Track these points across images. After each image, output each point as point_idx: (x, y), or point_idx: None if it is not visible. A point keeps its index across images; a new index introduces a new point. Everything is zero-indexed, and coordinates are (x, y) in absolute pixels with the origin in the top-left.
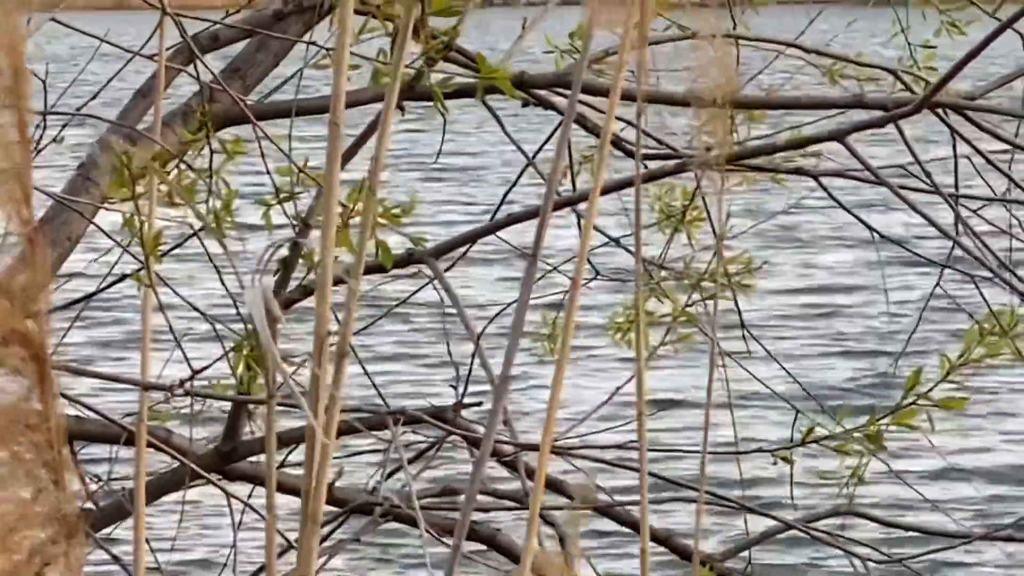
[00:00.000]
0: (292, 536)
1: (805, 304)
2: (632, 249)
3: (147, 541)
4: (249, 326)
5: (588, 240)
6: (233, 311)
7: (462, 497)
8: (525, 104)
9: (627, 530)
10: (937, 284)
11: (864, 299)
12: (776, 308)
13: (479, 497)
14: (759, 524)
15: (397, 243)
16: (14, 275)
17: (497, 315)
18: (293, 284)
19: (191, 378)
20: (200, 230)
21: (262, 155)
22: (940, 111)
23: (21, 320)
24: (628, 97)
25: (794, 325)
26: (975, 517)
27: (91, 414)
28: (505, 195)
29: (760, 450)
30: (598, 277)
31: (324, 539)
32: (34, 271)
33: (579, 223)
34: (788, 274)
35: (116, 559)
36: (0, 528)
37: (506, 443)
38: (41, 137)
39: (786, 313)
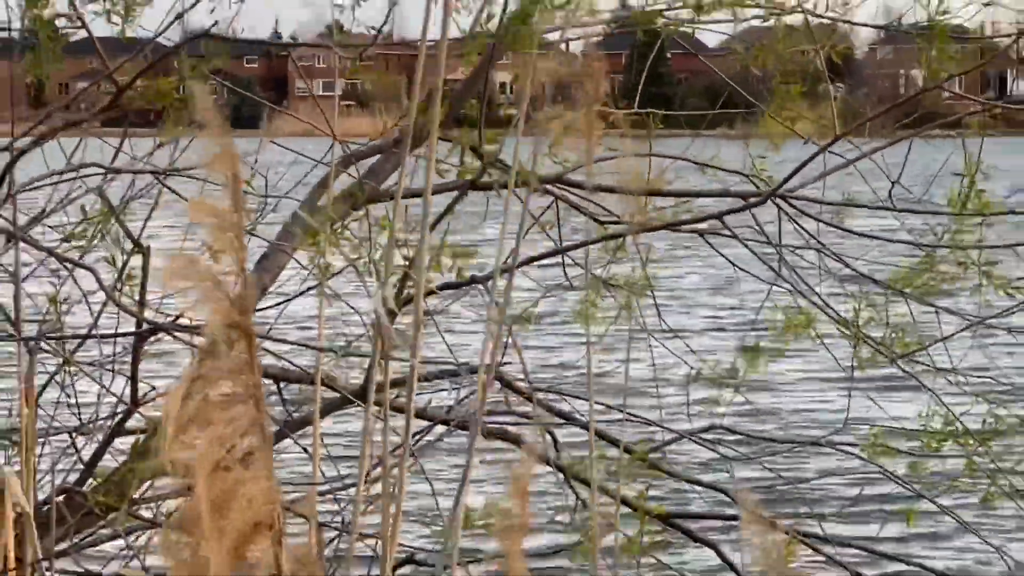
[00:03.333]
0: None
1: (710, 312)
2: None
3: (322, 439)
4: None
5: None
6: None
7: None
8: (536, 191)
9: (582, 432)
10: (767, 295)
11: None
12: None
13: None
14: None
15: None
16: (233, 290)
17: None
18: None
19: (347, 345)
20: (354, 261)
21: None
22: (780, 200)
23: (237, 315)
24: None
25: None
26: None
27: (290, 367)
28: (519, 237)
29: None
30: (573, 288)
31: (418, 440)
32: (244, 288)
33: (561, 258)
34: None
35: (304, 449)
36: (218, 425)
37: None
38: (263, 211)
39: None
